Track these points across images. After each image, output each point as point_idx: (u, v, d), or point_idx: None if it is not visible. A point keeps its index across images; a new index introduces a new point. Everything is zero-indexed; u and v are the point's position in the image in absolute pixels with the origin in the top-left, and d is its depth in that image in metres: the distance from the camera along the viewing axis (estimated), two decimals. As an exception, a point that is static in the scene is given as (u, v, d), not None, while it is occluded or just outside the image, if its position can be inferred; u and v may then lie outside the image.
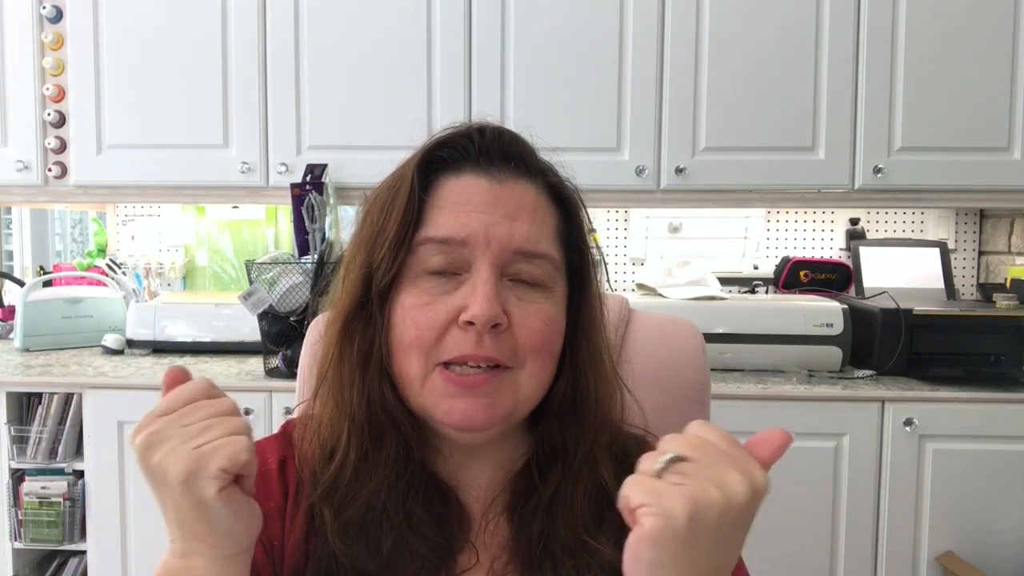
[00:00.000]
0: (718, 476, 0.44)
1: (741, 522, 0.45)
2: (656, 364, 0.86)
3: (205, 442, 0.49)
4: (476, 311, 0.56)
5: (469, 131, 0.63)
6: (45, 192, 1.95)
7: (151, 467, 0.49)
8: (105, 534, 1.68)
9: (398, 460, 0.59)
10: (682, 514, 0.43)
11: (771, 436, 0.47)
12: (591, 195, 0.67)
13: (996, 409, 1.60)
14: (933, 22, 1.78)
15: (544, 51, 1.83)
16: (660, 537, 0.43)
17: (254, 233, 2.34)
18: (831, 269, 2.15)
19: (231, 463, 0.49)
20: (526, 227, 0.59)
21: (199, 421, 0.50)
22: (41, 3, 1.88)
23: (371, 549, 0.58)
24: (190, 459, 0.48)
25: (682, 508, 0.43)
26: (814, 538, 1.63)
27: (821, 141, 1.81)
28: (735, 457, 0.45)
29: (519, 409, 0.60)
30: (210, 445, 0.49)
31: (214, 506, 0.49)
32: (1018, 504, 1.61)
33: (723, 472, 0.44)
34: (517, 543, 0.61)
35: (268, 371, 1.73)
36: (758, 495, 0.45)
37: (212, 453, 0.49)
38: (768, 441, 0.47)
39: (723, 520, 0.44)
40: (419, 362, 0.58)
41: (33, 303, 2.02)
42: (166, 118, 1.88)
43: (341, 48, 1.85)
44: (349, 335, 0.61)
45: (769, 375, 1.75)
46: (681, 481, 0.44)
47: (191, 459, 0.48)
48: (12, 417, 1.68)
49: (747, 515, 0.45)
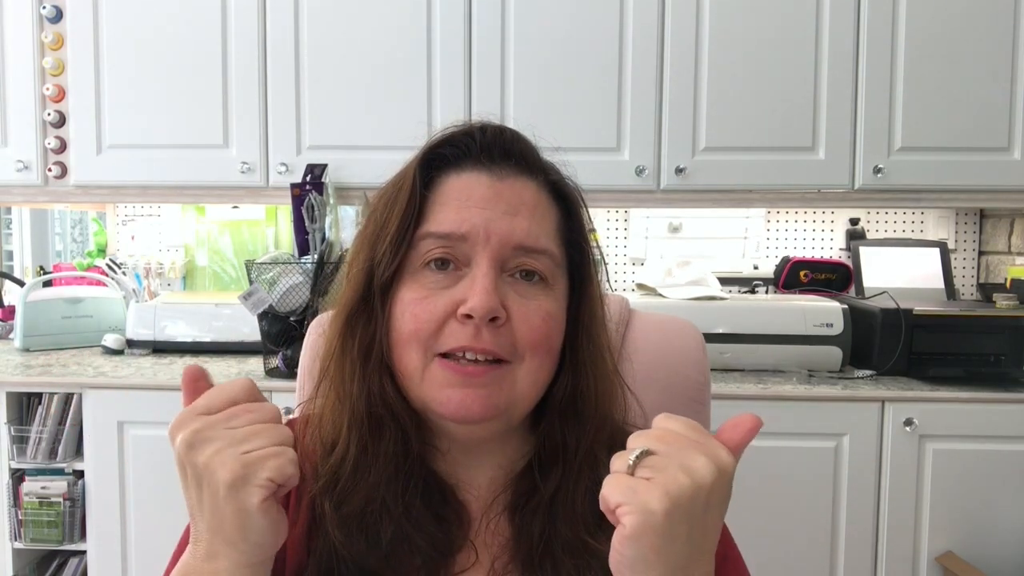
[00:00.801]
0: (685, 463, 0.46)
1: (714, 505, 0.47)
2: (656, 364, 0.86)
3: (253, 448, 0.49)
4: (474, 304, 0.56)
5: (471, 129, 0.64)
6: (45, 192, 1.95)
7: (196, 466, 0.50)
8: (105, 534, 1.68)
9: (397, 454, 0.59)
10: (659, 508, 0.45)
11: (741, 420, 0.49)
12: (591, 195, 0.67)
13: (996, 409, 1.60)
14: (933, 22, 1.78)
15: (544, 51, 1.83)
16: (641, 533, 0.45)
17: (254, 233, 2.34)
18: (831, 269, 2.15)
19: (279, 474, 0.49)
20: (526, 223, 0.60)
21: (245, 426, 0.50)
22: (41, 3, 1.88)
23: (371, 542, 0.58)
24: (238, 464, 0.49)
25: (658, 503, 0.45)
26: (814, 538, 1.63)
27: (821, 141, 1.81)
28: (699, 442, 0.48)
29: (517, 404, 0.60)
30: (258, 453, 0.49)
31: (254, 515, 0.49)
32: (1018, 504, 1.61)
33: (689, 458, 0.46)
34: (518, 543, 0.61)
35: (268, 371, 1.73)
36: (724, 475, 0.47)
37: (261, 462, 0.49)
38: (739, 425, 0.49)
39: (695, 505, 0.46)
40: (418, 354, 0.58)
41: (33, 303, 2.02)
42: (166, 118, 1.88)
43: (341, 48, 1.85)
44: (351, 329, 0.61)
45: (769, 375, 1.76)
46: (652, 475, 0.46)
47: (240, 464, 0.49)
48: (12, 417, 1.68)
49: (717, 497, 0.47)
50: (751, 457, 1.73)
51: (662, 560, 0.46)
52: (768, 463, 1.63)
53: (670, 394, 0.86)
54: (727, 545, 0.66)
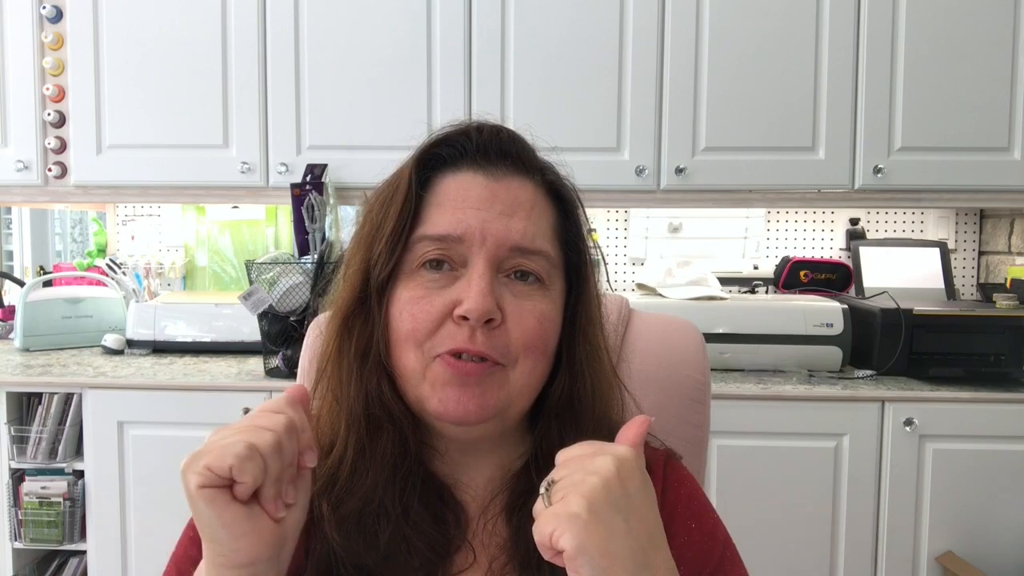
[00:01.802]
0: (586, 467, 0.48)
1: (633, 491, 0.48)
2: (656, 364, 0.86)
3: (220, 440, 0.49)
4: (470, 305, 0.56)
5: (467, 129, 0.63)
6: (45, 192, 1.95)
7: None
8: (105, 534, 1.68)
9: (394, 455, 0.59)
10: (580, 508, 0.46)
11: (632, 422, 0.52)
12: (591, 195, 0.67)
13: (996, 409, 1.60)
14: (933, 22, 1.78)
15: (544, 51, 1.83)
16: (581, 543, 0.45)
17: (254, 233, 2.34)
18: (831, 269, 2.15)
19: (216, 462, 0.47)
20: (522, 224, 0.60)
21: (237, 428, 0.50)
22: (41, 3, 1.88)
23: (368, 543, 0.58)
24: (192, 454, 0.49)
25: (577, 504, 0.46)
26: (814, 538, 1.63)
27: (821, 141, 1.81)
28: (595, 449, 0.50)
29: (511, 405, 0.60)
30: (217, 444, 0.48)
31: (196, 500, 0.48)
32: (1018, 504, 1.61)
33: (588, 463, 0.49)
34: (515, 543, 0.61)
35: (268, 371, 1.73)
36: (626, 462, 0.49)
37: (209, 450, 0.48)
38: (630, 426, 0.52)
39: (612, 494, 0.47)
40: (415, 355, 0.58)
41: (33, 303, 2.02)
42: (166, 118, 1.88)
43: (341, 48, 1.85)
44: (348, 330, 0.61)
45: (769, 375, 1.75)
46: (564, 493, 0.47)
47: (192, 454, 0.49)
48: (12, 417, 1.68)
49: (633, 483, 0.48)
50: (752, 457, 1.74)
51: (616, 561, 0.46)
52: (768, 463, 1.63)
53: (669, 394, 0.86)
54: (726, 547, 0.65)
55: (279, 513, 0.51)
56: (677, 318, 0.91)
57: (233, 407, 1.64)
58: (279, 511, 0.51)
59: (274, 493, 0.50)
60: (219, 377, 1.70)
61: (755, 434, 1.63)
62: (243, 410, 1.64)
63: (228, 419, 1.88)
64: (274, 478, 0.50)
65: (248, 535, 0.49)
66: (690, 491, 0.67)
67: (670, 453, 0.70)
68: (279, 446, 0.50)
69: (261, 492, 0.50)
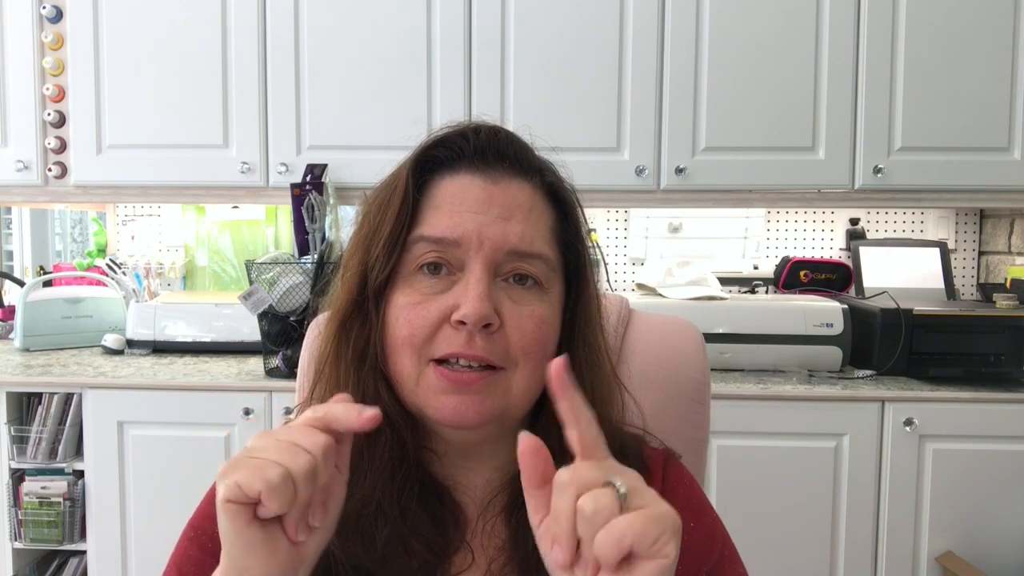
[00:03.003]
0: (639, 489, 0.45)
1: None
2: (656, 364, 0.86)
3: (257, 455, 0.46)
4: (467, 310, 0.56)
5: (465, 130, 0.63)
6: (45, 192, 1.95)
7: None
8: (105, 534, 1.68)
9: (393, 457, 0.59)
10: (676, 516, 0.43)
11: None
12: (591, 195, 0.67)
13: (996, 409, 1.60)
14: (933, 22, 1.78)
15: (544, 51, 1.83)
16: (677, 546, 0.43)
17: (254, 233, 2.34)
18: (831, 269, 2.15)
19: (246, 483, 0.45)
20: (520, 227, 0.59)
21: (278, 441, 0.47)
22: (41, 3, 1.88)
23: (366, 544, 0.58)
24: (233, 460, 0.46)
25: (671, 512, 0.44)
26: (814, 538, 1.63)
27: (821, 141, 1.81)
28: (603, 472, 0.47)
29: (511, 409, 0.60)
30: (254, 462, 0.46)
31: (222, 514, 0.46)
32: (1018, 504, 1.61)
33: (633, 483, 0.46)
34: (514, 545, 0.61)
35: (268, 371, 1.73)
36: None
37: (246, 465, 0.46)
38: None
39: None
40: (411, 360, 0.58)
41: (33, 303, 2.02)
42: (166, 118, 1.88)
43: (341, 48, 1.85)
44: (345, 333, 0.61)
45: (769, 375, 1.75)
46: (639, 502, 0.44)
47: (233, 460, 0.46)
48: (12, 417, 1.69)
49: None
50: (751, 457, 1.73)
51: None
52: (768, 463, 1.63)
53: (670, 394, 0.86)
54: (725, 545, 0.65)
55: (300, 537, 0.49)
56: (677, 318, 0.91)
57: (233, 407, 1.64)
58: (300, 535, 0.48)
59: (299, 517, 0.48)
60: (219, 377, 1.70)
61: (755, 434, 1.63)
62: (243, 410, 1.64)
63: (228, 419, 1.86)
64: (303, 503, 0.47)
65: (262, 555, 0.48)
66: (689, 490, 0.67)
67: (670, 453, 0.70)
68: (314, 473, 0.47)
69: (286, 515, 0.47)
